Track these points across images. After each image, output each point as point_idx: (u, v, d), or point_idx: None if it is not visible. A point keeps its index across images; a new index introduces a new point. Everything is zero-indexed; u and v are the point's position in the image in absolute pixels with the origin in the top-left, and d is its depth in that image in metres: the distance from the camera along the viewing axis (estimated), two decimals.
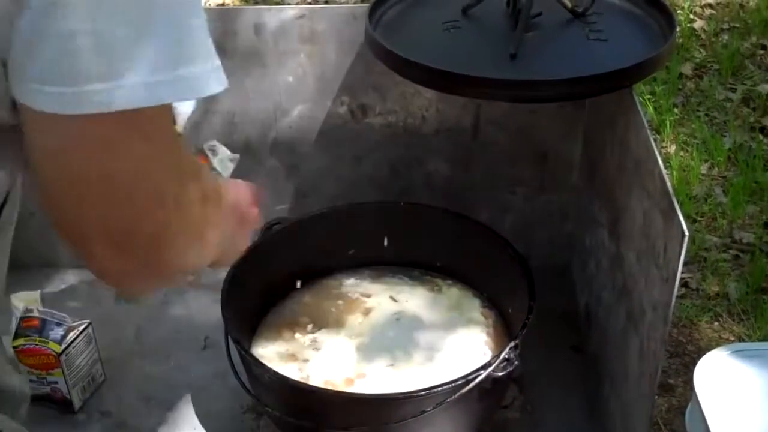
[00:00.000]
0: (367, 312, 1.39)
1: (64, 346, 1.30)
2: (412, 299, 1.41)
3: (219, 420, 1.34)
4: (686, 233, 0.91)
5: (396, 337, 1.33)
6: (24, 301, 1.40)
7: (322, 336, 1.34)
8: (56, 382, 1.31)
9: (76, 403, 1.35)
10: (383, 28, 1.28)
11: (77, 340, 1.32)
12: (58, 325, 1.32)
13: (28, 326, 1.31)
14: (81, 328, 1.33)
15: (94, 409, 1.36)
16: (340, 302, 1.41)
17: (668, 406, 1.69)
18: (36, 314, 1.33)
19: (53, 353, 1.29)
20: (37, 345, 1.29)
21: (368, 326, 1.36)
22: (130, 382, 1.41)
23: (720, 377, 1.04)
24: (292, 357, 1.31)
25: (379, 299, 1.41)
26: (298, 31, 1.43)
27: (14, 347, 1.29)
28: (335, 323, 1.37)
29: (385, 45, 1.21)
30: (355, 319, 1.37)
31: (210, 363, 1.42)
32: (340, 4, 3.24)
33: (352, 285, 1.45)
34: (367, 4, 1.33)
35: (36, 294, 1.46)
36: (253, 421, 1.33)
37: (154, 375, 1.42)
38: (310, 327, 1.36)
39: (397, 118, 1.50)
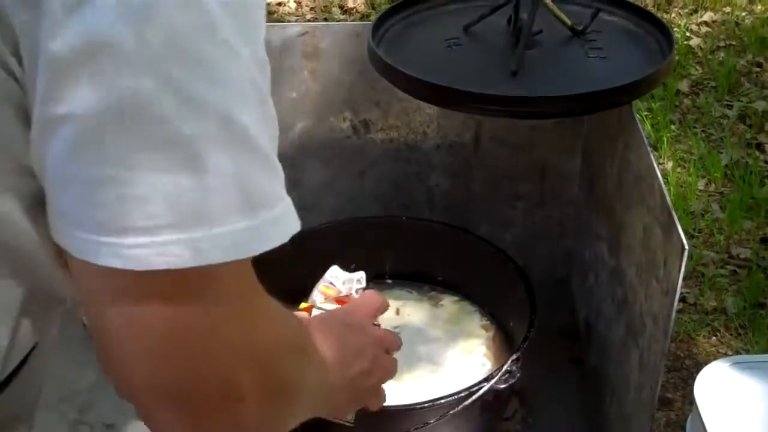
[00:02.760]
0: None
1: None
2: (414, 312, 1.42)
3: None
4: (686, 246, 0.92)
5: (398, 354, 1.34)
6: None
7: None
8: None
9: None
10: (386, 44, 1.30)
11: None
12: None
13: None
14: None
15: None
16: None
17: (666, 420, 1.70)
18: None
19: None
20: None
21: None
22: None
23: (720, 389, 1.05)
24: None
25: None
26: (302, 48, 1.45)
27: None
28: None
29: (387, 61, 1.23)
30: None
31: None
32: (340, 21, 3.26)
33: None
34: (369, 22, 1.35)
35: None
36: None
37: None
38: None
39: (398, 134, 1.52)
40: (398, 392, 1.25)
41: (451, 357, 1.33)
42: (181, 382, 0.56)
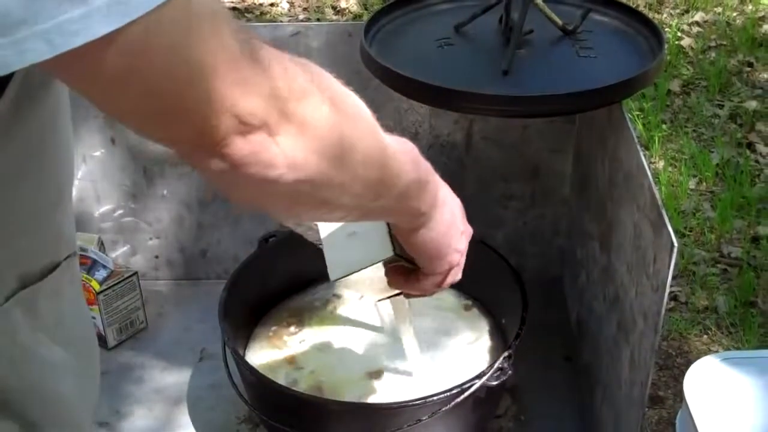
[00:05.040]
0: (360, 321, 1.40)
1: (104, 287, 1.45)
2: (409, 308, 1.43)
3: (215, 430, 1.36)
4: (675, 244, 0.93)
5: (389, 348, 1.35)
6: (82, 240, 1.50)
7: (317, 342, 1.36)
8: (95, 318, 1.47)
9: (111, 341, 1.50)
10: (378, 44, 1.30)
11: (118, 285, 1.47)
12: (104, 267, 1.47)
13: (80, 263, 1.44)
14: (126, 275, 1.49)
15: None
16: (332, 309, 1.43)
17: (658, 418, 1.71)
18: (90, 254, 1.48)
19: (93, 291, 1.44)
20: (82, 281, 1.40)
21: (361, 335, 1.37)
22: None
23: (710, 384, 1.06)
24: (288, 364, 1.32)
25: (373, 309, 1.43)
26: (294, 48, 1.45)
27: None
28: (329, 330, 1.38)
29: (379, 61, 1.24)
30: (348, 326, 1.39)
31: (206, 374, 1.44)
32: (332, 21, 3.27)
33: (345, 293, 1.46)
34: (362, 22, 1.35)
35: (95, 237, 1.56)
36: (249, 431, 1.34)
37: (151, 386, 1.43)
38: (306, 334, 1.38)
39: (391, 133, 1.52)
40: (390, 388, 1.26)
41: (443, 354, 1.34)
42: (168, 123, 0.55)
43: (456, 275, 0.99)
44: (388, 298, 1.12)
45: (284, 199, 0.63)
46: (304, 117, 0.58)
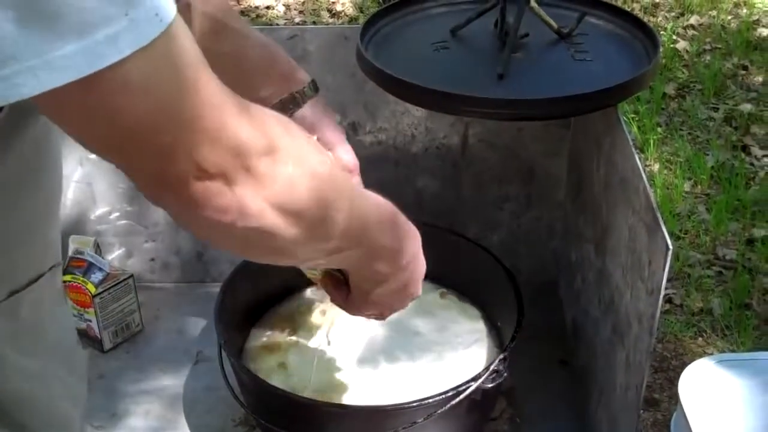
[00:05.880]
0: (353, 323, 1.40)
1: (100, 290, 1.45)
2: (404, 311, 1.43)
3: None
4: (670, 246, 0.94)
5: (385, 349, 1.35)
6: (78, 242, 1.52)
7: (311, 345, 1.36)
8: (91, 321, 1.47)
9: (106, 344, 1.49)
10: (374, 47, 1.31)
11: (114, 288, 1.47)
12: (101, 270, 1.47)
13: (76, 265, 1.47)
14: (122, 278, 1.48)
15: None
16: (327, 310, 1.43)
17: (653, 420, 1.71)
18: (86, 257, 1.48)
19: (89, 293, 1.44)
20: (78, 283, 1.45)
21: (358, 336, 1.37)
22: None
23: (705, 386, 1.06)
24: (282, 366, 1.32)
25: None
26: (290, 51, 1.45)
27: (63, 281, 1.35)
28: (324, 332, 1.38)
29: (376, 64, 1.24)
30: (344, 329, 1.39)
31: (202, 377, 1.44)
32: (328, 24, 3.27)
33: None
34: (358, 25, 1.36)
35: (91, 239, 1.56)
36: None
37: (147, 388, 1.43)
38: (300, 336, 1.38)
39: (387, 136, 1.53)
40: (385, 391, 1.26)
41: (439, 356, 1.34)
42: (147, 162, 0.57)
43: (379, 317, 1.03)
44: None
45: (238, 242, 0.66)
46: (265, 172, 0.61)
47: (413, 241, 0.90)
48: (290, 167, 0.63)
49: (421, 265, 0.95)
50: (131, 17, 0.51)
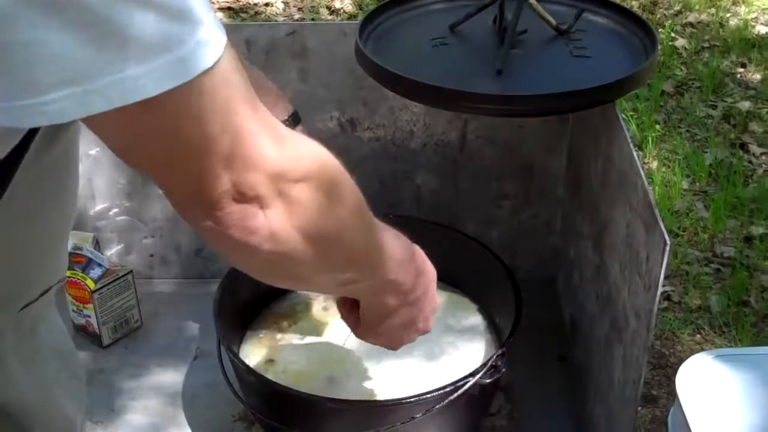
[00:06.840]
0: None
1: (99, 285, 1.45)
2: None
3: (210, 428, 1.36)
4: (668, 242, 0.94)
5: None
6: (77, 238, 1.52)
7: (311, 341, 1.36)
8: (90, 316, 1.47)
9: (105, 340, 1.49)
10: (373, 43, 1.31)
11: (113, 284, 1.47)
12: (99, 266, 1.47)
13: (75, 261, 1.47)
14: (121, 274, 1.48)
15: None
16: (326, 306, 1.43)
17: (651, 417, 1.71)
18: (85, 252, 1.48)
19: (88, 289, 1.44)
20: (78, 279, 1.45)
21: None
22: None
23: (702, 381, 1.07)
24: (282, 361, 1.32)
25: None
26: (289, 48, 1.46)
27: None
28: (323, 328, 1.39)
29: (374, 60, 1.24)
30: (341, 325, 1.39)
31: (201, 373, 1.44)
32: (326, 20, 3.27)
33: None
34: (357, 21, 1.36)
35: (90, 235, 1.56)
36: (244, 429, 1.35)
37: (146, 384, 1.44)
38: (300, 331, 1.38)
39: (385, 132, 1.53)
40: (383, 386, 1.26)
41: (437, 352, 1.34)
42: (182, 186, 0.59)
43: (390, 348, 1.04)
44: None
45: (261, 265, 0.67)
46: (297, 198, 0.62)
47: (426, 279, 0.92)
48: (321, 196, 0.65)
49: (431, 303, 0.96)
50: (197, 40, 0.52)
